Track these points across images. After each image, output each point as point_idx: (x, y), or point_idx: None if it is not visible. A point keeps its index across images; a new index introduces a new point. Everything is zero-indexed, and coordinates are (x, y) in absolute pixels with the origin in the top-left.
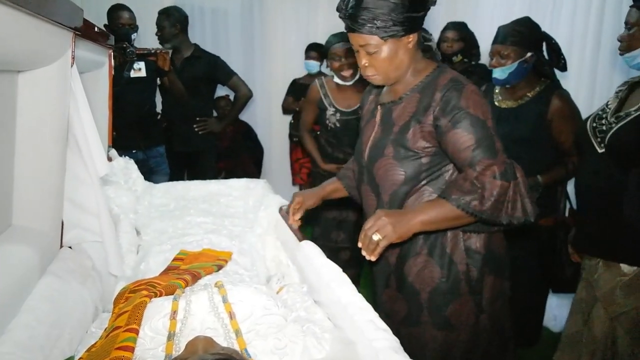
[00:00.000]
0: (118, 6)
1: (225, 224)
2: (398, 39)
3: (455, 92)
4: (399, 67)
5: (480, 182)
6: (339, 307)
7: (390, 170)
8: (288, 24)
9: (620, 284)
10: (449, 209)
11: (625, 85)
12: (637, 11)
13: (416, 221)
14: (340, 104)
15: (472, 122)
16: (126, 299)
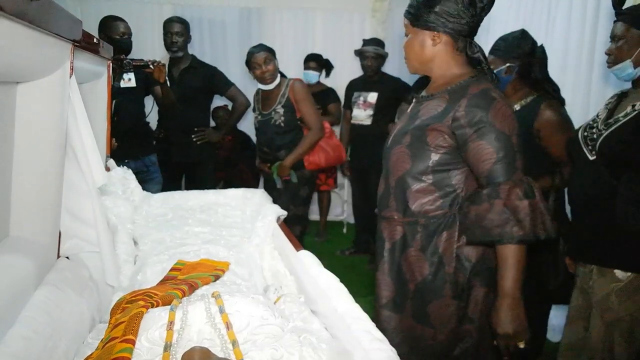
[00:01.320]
0: (113, 17)
1: (222, 234)
2: (420, 30)
3: (484, 104)
4: (420, 59)
5: (511, 208)
6: (335, 317)
7: (400, 158)
8: (286, 35)
9: (615, 290)
10: (504, 254)
11: (614, 97)
12: (622, 24)
13: (515, 302)
14: (262, 107)
15: (497, 136)
16: (123, 309)
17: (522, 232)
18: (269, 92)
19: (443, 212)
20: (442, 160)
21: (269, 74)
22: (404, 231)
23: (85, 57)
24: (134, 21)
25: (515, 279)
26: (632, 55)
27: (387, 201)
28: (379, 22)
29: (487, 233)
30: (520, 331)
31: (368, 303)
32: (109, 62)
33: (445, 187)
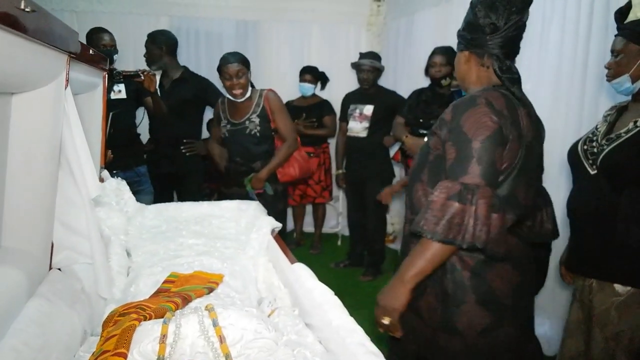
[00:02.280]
0: (98, 29)
1: (217, 245)
2: (459, 51)
3: (463, 107)
4: (459, 76)
5: (434, 205)
6: (330, 330)
7: (414, 160)
8: (282, 48)
9: (615, 304)
10: (420, 245)
11: (614, 110)
12: (622, 39)
13: (400, 283)
14: (231, 116)
15: (459, 138)
16: (115, 322)
17: (434, 228)
18: (237, 102)
19: None
20: (436, 162)
21: (239, 87)
22: (408, 229)
23: (81, 68)
24: (131, 33)
25: (412, 266)
26: (631, 69)
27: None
28: (375, 36)
29: (413, 223)
30: (389, 308)
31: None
32: (105, 73)
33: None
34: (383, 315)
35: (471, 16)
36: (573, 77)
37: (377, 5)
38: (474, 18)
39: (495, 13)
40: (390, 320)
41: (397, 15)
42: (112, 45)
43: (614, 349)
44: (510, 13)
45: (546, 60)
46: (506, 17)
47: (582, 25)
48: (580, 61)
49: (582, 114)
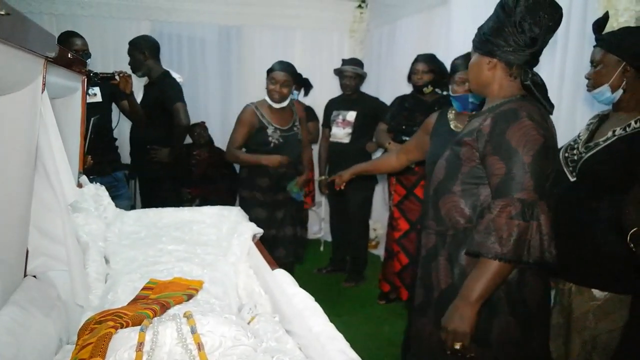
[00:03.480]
0: (69, 33)
1: (197, 252)
2: (481, 55)
3: (506, 120)
4: (477, 81)
5: (496, 225)
6: (310, 336)
7: (439, 169)
8: (265, 53)
9: (592, 308)
10: (481, 264)
11: (596, 118)
12: (601, 50)
13: (468, 306)
14: (277, 123)
15: (509, 152)
16: (91, 330)
17: (501, 250)
18: (276, 109)
19: (470, 226)
20: (471, 174)
21: (279, 95)
22: (436, 240)
23: (59, 72)
24: (111, 38)
25: (478, 287)
26: (610, 79)
27: (427, 210)
28: (358, 42)
29: (471, 244)
30: (459, 333)
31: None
32: (84, 77)
33: (474, 202)
34: (454, 342)
35: (508, 25)
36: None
37: (360, 13)
38: (512, 28)
39: (538, 27)
40: (461, 345)
41: (380, 23)
42: (85, 49)
43: (591, 352)
44: (549, 29)
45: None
46: (545, 32)
47: (560, 36)
48: (557, 71)
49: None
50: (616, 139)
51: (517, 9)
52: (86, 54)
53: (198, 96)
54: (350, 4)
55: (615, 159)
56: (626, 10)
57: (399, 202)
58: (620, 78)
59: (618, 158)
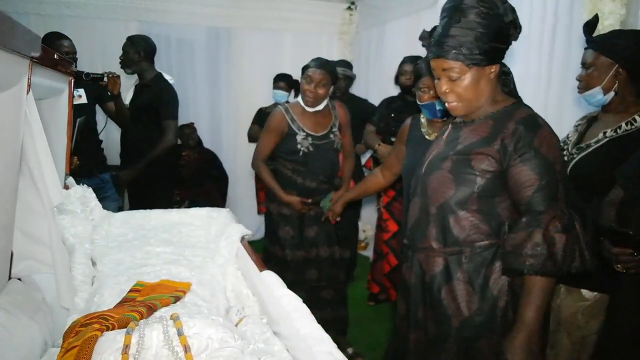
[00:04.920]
0: (56, 34)
1: (185, 254)
2: (481, 68)
3: (530, 129)
4: (479, 96)
5: (548, 240)
6: (297, 338)
7: (443, 183)
8: (255, 56)
9: (581, 309)
10: (530, 284)
11: (584, 120)
12: (593, 52)
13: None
14: (309, 129)
15: (540, 162)
16: (76, 333)
17: (554, 266)
18: (310, 113)
19: (490, 242)
20: (488, 186)
21: (313, 96)
22: (446, 262)
23: (45, 73)
24: (98, 39)
25: (537, 311)
26: (602, 82)
27: (425, 230)
28: (347, 45)
29: (520, 262)
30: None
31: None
32: (70, 78)
33: (491, 216)
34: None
35: (504, 26)
36: (538, 88)
37: (350, 15)
38: (510, 27)
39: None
40: None
41: (368, 25)
42: (74, 52)
43: (580, 352)
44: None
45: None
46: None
47: (546, 38)
48: (544, 73)
49: None
50: (607, 140)
51: (501, 9)
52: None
53: (187, 97)
54: (339, 6)
55: (607, 160)
56: (611, 13)
57: (388, 204)
58: (612, 80)
59: (610, 160)
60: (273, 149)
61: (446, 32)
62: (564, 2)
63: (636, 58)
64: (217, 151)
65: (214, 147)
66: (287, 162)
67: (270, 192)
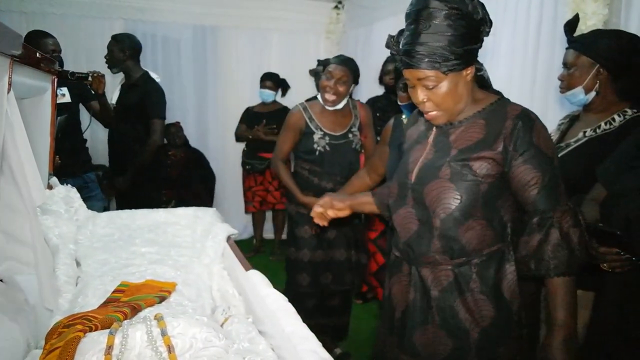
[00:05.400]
0: (41, 33)
1: (171, 254)
2: (458, 72)
3: (527, 125)
4: (459, 101)
5: (566, 238)
6: (282, 337)
7: (445, 193)
8: (241, 55)
9: None
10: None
11: (567, 119)
12: (574, 52)
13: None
14: (327, 128)
15: (542, 160)
16: (59, 334)
17: (576, 263)
18: (329, 112)
19: (498, 247)
20: (491, 191)
21: (333, 93)
22: (455, 274)
23: (26, 71)
24: (83, 37)
25: (569, 310)
26: (584, 81)
27: (429, 243)
28: (334, 44)
29: (545, 266)
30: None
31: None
32: (53, 77)
33: (495, 220)
34: None
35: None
36: (522, 87)
37: (337, 14)
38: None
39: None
40: None
41: (356, 25)
42: (58, 50)
43: None
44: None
45: (497, 72)
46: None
47: (531, 38)
48: (528, 72)
49: None
50: (586, 139)
51: (470, 7)
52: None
53: (173, 96)
54: (326, 5)
55: (586, 159)
56: (594, 13)
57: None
58: (593, 80)
59: (588, 159)
60: (292, 147)
61: (416, 39)
62: (548, 3)
63: (617, 58)
64: (203, 150)
65: (200, 146)
66: (304, 162)
67: (288, 193)
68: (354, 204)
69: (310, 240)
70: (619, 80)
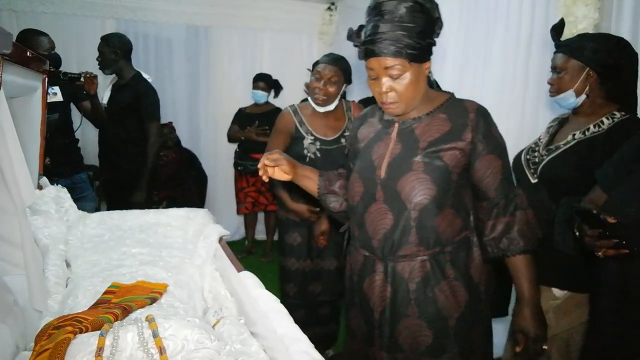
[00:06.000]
0: (34, 31)
1: (162, 255)
2: (420, 64)
3: (486, 118)
4: (417, 94)
5: (527, 217)
6: (274, 338)
7: (421, 184)
8: (234, 55)
9: (552, 307)
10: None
11: (556, 122)
12: (562, 56)
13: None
14: (318, 132)
15: (500, 149)
16: (49, 335)
17: (537, 239)
18: (321, 115)
19: (465, 234)
20: (459, 180)
21: (324, 93)
22: (431, 264)
23: (17, 70)
24: (74, 36)
25: (534, 283)
26: (574, 85)
27: (407, 236)
28: (327, 45)
29: (515, 245)
30: (542, 336)
31: None
32: (44, 76)
33: (462, 208)
34: (543, 345)
35: (432, 23)
36: (514, 90)
37: (330, 15)
38: (437, 24)
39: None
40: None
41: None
42: (53, 47)
43: (551, 350)
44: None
45: (490, 74)
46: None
47: (523, 41)
48: (520, 75)
49: (522, 124)
50: (575, 142)
51: (429, 5)
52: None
53: (165, 96)
54: (319, 6)
55: (574, 162)
56: (585, 17)
57: None
58: (583, 83)
59: (576, 161)
60: (283, 151)
61: (380, 29)
62: (540, 7)
63: (605, 60)
64: (196, 151)
65: (192, 147)
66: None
67: (278, 198)
68: (299, 175)
69: (299, 249)
70: (607, 83)
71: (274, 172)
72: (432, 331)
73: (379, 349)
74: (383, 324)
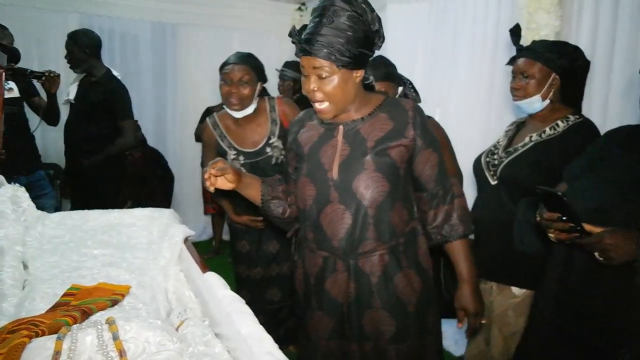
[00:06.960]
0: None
1: (125, 256)
2: (349, 70)
3: (422, 115)
4: (346, 98)
5: (463, 204)
6: (238, 339)
7: (375, 182)
8: (201, 53)
9: (512, 305)
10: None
11: (514, 125)
12: (527, 60)
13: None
14: (242, 144)
15: (436, 144)
16: (3, 339)
17: (473, 223)
18: (243, 122)
19: (412, 224)
20: (406, 174)
21: (236, 97)
22: (389, 257)
23: None
24: (35, 31)
25: (472, 264)
26: (541, 90)
27: (364, 234)
28: None
29: (456, 231)
30: (481, 310)
31: None
32: (1, 71)
33: (407, 201)
34: (482, 319)
35: (370, 33)
36: (480, 93)
37: (300, 15)
38: (376, 35)
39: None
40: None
41: None
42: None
43: (511, 347)
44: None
45: (456, 78)
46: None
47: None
48: (486, 79)
49: (489, 127)
50: (532, 144)
51: (369, 17)
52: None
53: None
54: (289, 6)
55: (531, 163)
56: (546, 25)
57: None
58: (549, 89)
59: (534, 163)
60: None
61: (318, 31)
62: (505, 14)
63: (567, 65)
64: (162, 150)
65: (159, 145)
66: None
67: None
68: (243, 183)
69: (248, 256)
70: (566, 88)
71: (217, 182)
72: (394, 320)
73: (350, 340)
74: (350, 317)
